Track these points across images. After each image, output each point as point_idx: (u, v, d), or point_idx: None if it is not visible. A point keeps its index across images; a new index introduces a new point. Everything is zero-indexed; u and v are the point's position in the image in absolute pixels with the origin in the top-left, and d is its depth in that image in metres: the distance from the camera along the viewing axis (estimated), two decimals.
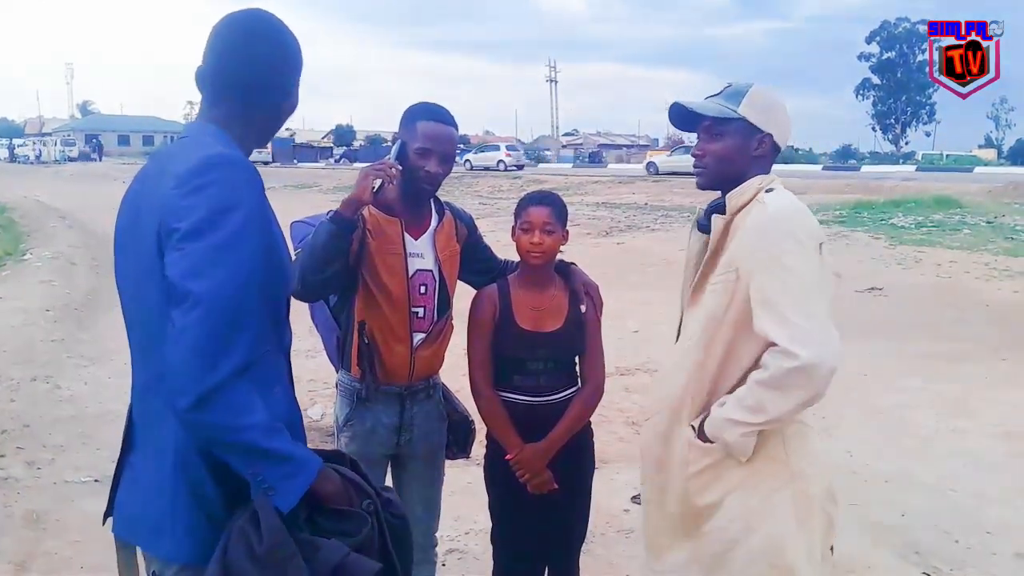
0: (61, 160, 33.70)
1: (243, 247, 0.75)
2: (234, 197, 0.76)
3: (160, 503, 0.80)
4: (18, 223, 10.06)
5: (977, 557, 2.03)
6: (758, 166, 1.12)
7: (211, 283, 0.73)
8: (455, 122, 1.34)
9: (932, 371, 3.74)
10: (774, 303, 1.00)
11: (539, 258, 1.35)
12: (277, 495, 0.75)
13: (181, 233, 0.75)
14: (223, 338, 0.73)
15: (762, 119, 1.11)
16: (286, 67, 0.88)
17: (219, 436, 0.74)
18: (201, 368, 0.72)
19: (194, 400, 0.72)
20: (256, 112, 0.87)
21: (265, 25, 0.87)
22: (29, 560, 1.96)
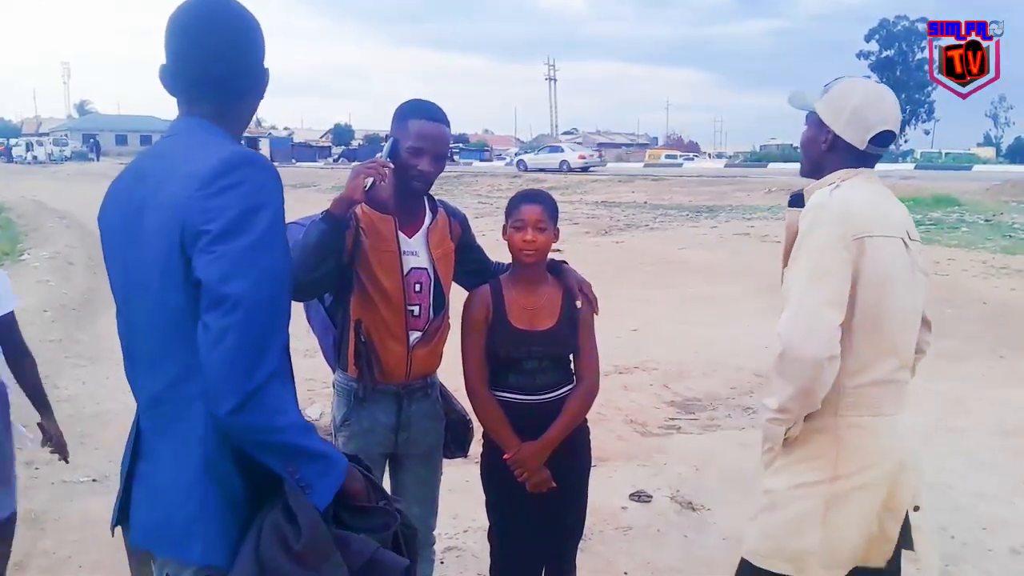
0: (58, 160, 33.63)
1: (275, 246, 0.75)
2: (263, 196, 0.76)
3: (188, 508, 0.79)
4: (16, 223, 10.04)
5: (973, 553, 2.03)
6: (830, 160, 1.12)
7: (249, 284, 0.73)
8: (447, 120, 1.33)
9: (930, 369, 3.71)
10: (787, 291, 1.03)
11: (532, 256, 1.35)
12: (313, 492, 0.75)
13: (213, 235, 0.73)
14: (262, 339, 0.73)
15: (829, 115, 1.12)
16: (250, 51, 0.85)
17: (260, 437, 0.74)
18: (244, 371, 0.72)
19: (237, 403, 0.71)
20: (234, 102, 0.86)
21: (221, 12, 0.84)
22: (28, 559, 1.97)
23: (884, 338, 1.05)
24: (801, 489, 1.06)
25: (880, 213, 1.08)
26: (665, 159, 30.70)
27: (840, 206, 1.05)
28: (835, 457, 1.04)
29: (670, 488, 2.39)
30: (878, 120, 1.11)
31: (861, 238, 1.03)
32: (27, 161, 33.44)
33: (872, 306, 1.03)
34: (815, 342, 0.98)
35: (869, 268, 1.03)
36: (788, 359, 1.00)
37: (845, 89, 1.13)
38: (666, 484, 2.41)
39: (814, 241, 1.03)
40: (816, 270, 1.02)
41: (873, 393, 1.05)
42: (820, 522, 1.04)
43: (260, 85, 0.87)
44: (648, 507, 2.28)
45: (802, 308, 1.00)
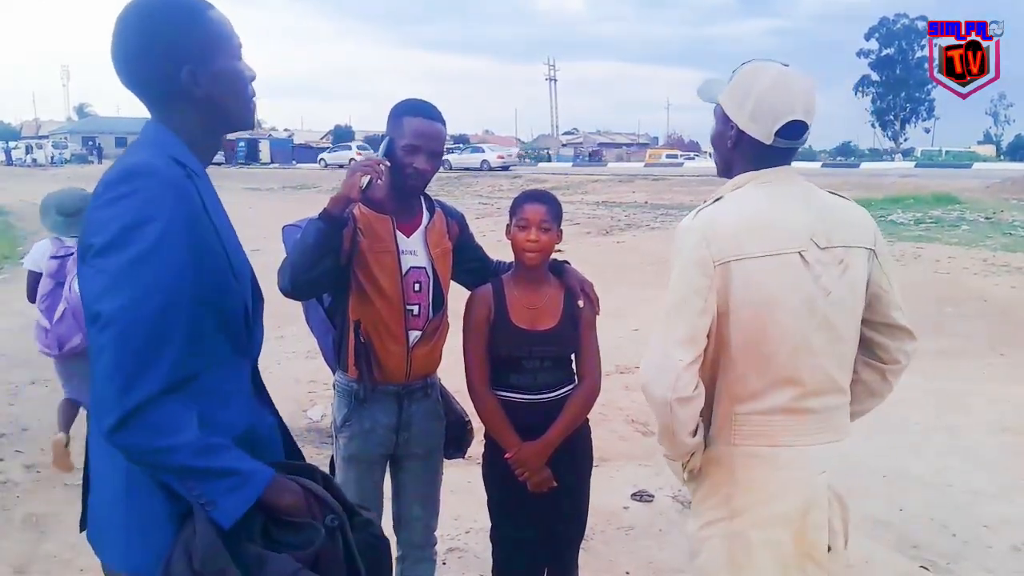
0: (58, 163, 33.62)
1: (160, 262, 0.72)
2: (149, 210, 0.72)
3: (115, 517, 0.79)
4: (15, 226, 10.04)
5: (973, 551, 2.03)
6: (739, 159, 1.00)
7: (123, 302, 0.70)
8: (443, 119, 1.33)
9: (930, 367, 3.74)
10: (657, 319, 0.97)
11: (535, 256, 1.35)
12: (218, 509, 0.73)
13: (95, 248, 0.72)
14: (141, 358, 0.70)
15: (730, 106, 0.98)
16: (167, 53, 0.79)
17: (143, 458, 0.72)
18: (120, 390, 0.70)
19: (114, 422, 0.70)
20: (174, 107, 0.81)
21: (137, 11, 0.80)
22: (29, 563, 1.97)
23: (773, 366, 0.94)
24: (706, 530, 0.99)
25: (760, 228, 0.94)
26: (666, 159, 30.74)
27: (703, 229, 0.94)
28: (731, 491, 0.97)
29: (672, 488, 2.38)
30: (785, 110, 0.95)
31: (727, 262, 0.92)
32: (27, 164, 33.45)
33: (753, 332, 0.93)
34: (662, 383, 0.92)
35: (741, 294, 0.92)
36: (647, 398, 0.96)
37: (748, 76, 0.98)
38: (668, 484, 2.41)
39: (674, 270, 0.95)
40: (671, 303, 0.94)
41: (769, 422, 0.95)
42: (728, 568, 0.96)
43: (198, 91, 0.80)
44: (650, 507, 2.28)
45: (655, 346, 0.95)
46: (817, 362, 0.96)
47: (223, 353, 0.81)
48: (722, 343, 0.95)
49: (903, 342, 1.07)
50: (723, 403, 0.97)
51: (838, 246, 0.98)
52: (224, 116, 0.85)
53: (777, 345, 0.94)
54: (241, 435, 0.80)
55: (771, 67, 0.99)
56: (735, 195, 0.99)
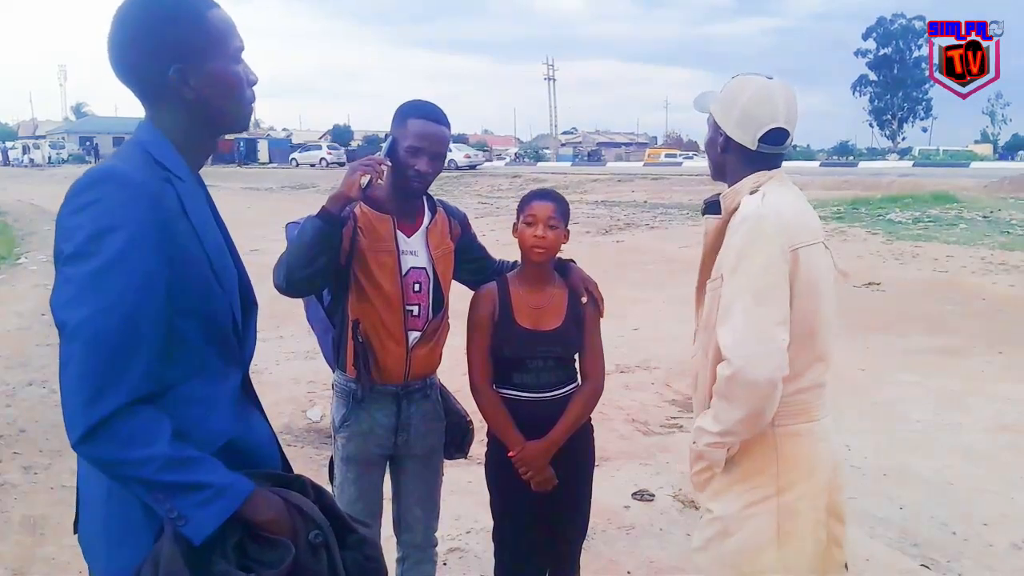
0: (56, 163, 33.51)
1: (126, 270, 0.69)
2: (114, 218, 0.70)
3: (96, 521, 0.79)
4: (12, 227, 10.00)
5: (974, 549, 2.03)
6: (731, 164, 1.09)
7: (88, 312, 0.68)
8: (447, 121, 1.33)
9: (929, 365, 3.75)
10: (728, 307, 0.99)
11: (542, 253, 1.34)
12: (189, 524, 0.70)
13: (64, 256, 0.71)
14: (107, 369, 0.68)
15: (721, 116, 1.09)
16: (156, 50, 0.76)
17: (112, 470, 0.71)
18: (85, 402, 0.68)
19: (80, 434, 0.68)
20: (163, 106, 0.79)
21: (132, 6, 0.78)
22: (27, 565, 1.96)
23: (817, 345, 1.03)
24: (751, 508, 1.03)
25: (804, 220, 1.05)
26: (665, 158, 30.82)
27: (776, 216, 1.01)
28: (776, 470, 1.02)
29: (673, 487, 2.38)
30: (767, 118, 1.06)
31: (796, 249, 1.00)
32: (24, 164, 33.33)
33: (808, 316, 1.01)
34: (770, 364, 0.95)
35: (803, 278, 1.00)
36: (740, 382, 0.96)
37: (735, 88, 1.09)
38: (668, 483, 2.41)
39: (756, 255, 0.98)
40: (762, 287, 0.98)
41: (806, 399, 1.03)
42: (775, 540, 1.01)
43: (185, 90, 0.78)
44: (651, 506, 2.28)
45: (752, 328, 0.96)
46: (832, 339, 1.07)
47: (209, 362, 0.79)
48: None
49: None
50: None
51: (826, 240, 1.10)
52: (217, 118, 0.82)
53: (821, 327, 1.03)
54: (226, 445, 0.78)
55: (756, 79, 1.10)
56: (773, 189, 1.05)
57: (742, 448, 1.03)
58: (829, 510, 1.06)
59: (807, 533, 1.03)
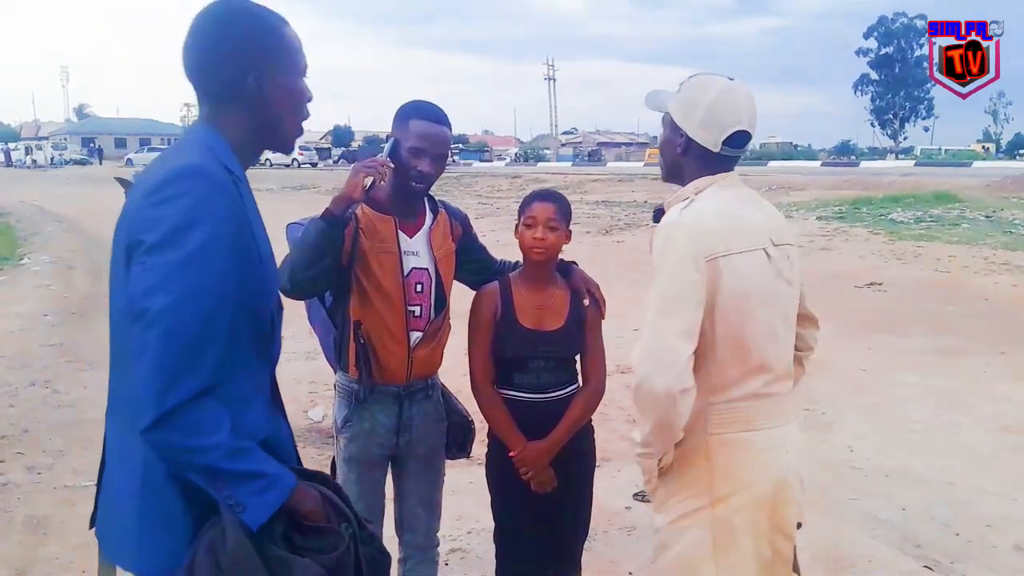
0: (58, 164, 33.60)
1: (207, 264, 0.73)
2: (198, 212, 0.74)
3: (128, 518, 0.79)
4: (15, 228, 10.03)
5: (976, 550, 2.03)
6: (689, 166, 1.06)
7: (171, 301, 0.71)
8: (449, 121, 1.33)
9: (931, 366, 3.74)
10: (644, 318, 0.98)
11: (542, 254, 1.35)
12: (246, 511, 0.74)
13: (146, 246, 0.74)
14: (184, 358, 0.71)
15: (681, 117, 1.05)
16: (236, 54, 0.81)
17: (177, 457, 0.73)
18: (160, 388, 0.70)
19: (152, 420, 0.70)
20: (230, 109, 0.83)
21: (217, 12, 0.82)
22: (30, 565, 1.96)
23: (751, 356, 0.99)
24: (685, 520, 1.00)
25: (737, 226, 1.01)
26: None
27: (692, 224, 0.98)
28: (710, 480, 0.99)
29: None
30: (732, 120, 1.03)
31: (715, 258, 0.97)
32: (27, 165, 33.42)
33: (734, 326, 0.98)
34: (667, 375, 0.93)
35: (727, 289, 0.97)
36: (642, 394, 0.95)
37: (697, 88, 1.05)
38: None
39: (665, 265, 0.97)
40: (668, 297, 0.96)
41: (744, 407, 1.00)
42: (711, 554, 0.98)
43: (257, 98, 0.82)
44: (652, 507, 2.29)
45: (654, 339, 0.95)
46: (780, 350, 1.04)
47: (251, 360, 0.82)
48: (705, 337, 0.98)
49: (813, 329, 1.16)
50: (699, 396, 0.98)
51: (785, 243, 1.06)
52: (274, 129, 0.86)
53: (753, 338, 1.00)
54: (263, 441, 0.80)
55: (718, 80, 1.06)
56: (704, 196, 1.03)
57: (678, 457, 1.00)
58: (773, 525, 1.01)
59: (747, 549, 0.99)
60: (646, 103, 1.12)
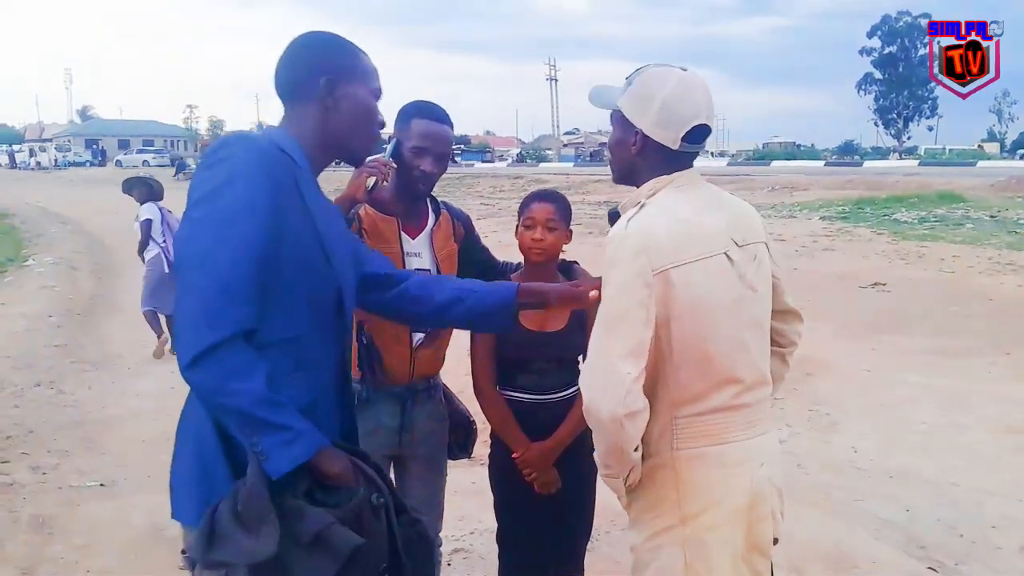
0: (62, 165, 33.79)
1: (240, 216, 0.79)
2: (236, 171, 0.81)
3: (181, 471, 0.86)
4: (19, 229, 10.09)
5: (981, 551, 2.02)
6: (643, 165, 0.98)
7: (207, 245, 0.78)
8: (450, 121, 1.33)
9: (935, 366, 3.72)
10: (592, 335, 0.93)
11: (540, 255, 1.34)
12: (269, 460, 0.77)
13: (191, 201, 0.81)
14: (218, 299, 0.77)
15: (634, 113, 0.96)
16: (312, 60, 0.91)
17: (211, 397, 0.77)
18: (197, 328, 0.76)
19: (190, 359, 0.76)
20: (300, 109, 0.92)
21: (303, 34, 0.94)
22: (35, 565, 1.97)
23: (715, 369, 0.93)
24: (656, 539, 0.96)
25: (691, 231, 0.93)
26: None
27: (637, 237, 0.91)
28: (678, 497, 0.94)
29: None
30: (690, 114, 0.95)
31: (665, 270, 0.90)
32: (31, 167, 33.60)
33: (693, 339, 0.92)
34: (611, 400, 0.88)
35: (681, 301, 0.91)
36: (591, 419, 0.91)
37: (649, 82, 0.96)
38: None
39: (613, 280, 0.92)
40: (611, 316, 0.90)
41: (713, 421, 0.94)
42: (683, 574, 0.93)
43: (324, 112, 0.91)
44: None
45: (598, 361, 0.90)
46: (751, 358, 0.97)
47: (305, 328, 0.86)
48: (662, 351, 0.93)
49: (796, 324, 1.10)
50: (663, 410, 0.94)
51: (751, 243, 0.99)
52: (342, 138, 0.93)
53: (717, 346, 0.93)
54: (305, 408, 0.83)
55: (673, 72, 0.98)
56: (657, 201, 0.96)
57: (645, 473, 0.96)
58: (749, 543, 0.95)
59: (723, 569, 0.94)
60: (591, 100, 1.03)
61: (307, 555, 0.76)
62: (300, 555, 0.76)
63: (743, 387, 0.96)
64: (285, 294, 0.83)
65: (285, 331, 0.83)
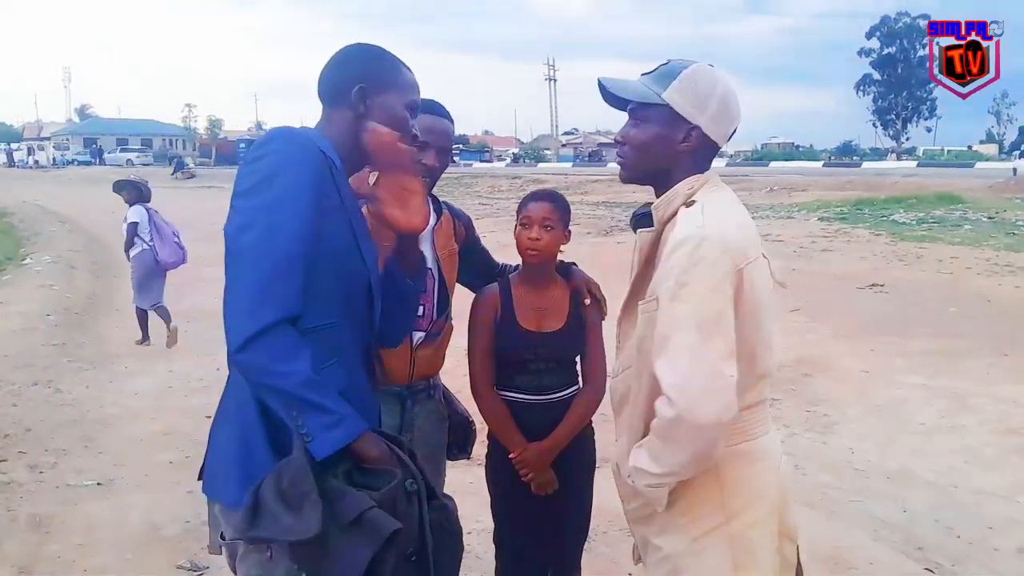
0: (60, 164, 33.78)
1: (287, 207, 0.83)
2: (282, 164, 0.85)
3: (222, 454, 0.89)
4: (18, 227, 10.07)
5: (979, 553, 2.02)
6: (686, 163, 0.96)
7: (256, 235, 0.82)
8: (450, 116, 1.34)
9: (933, 367, 3.73)
10: (667, 340, 0.88)
11: (536, 255, 1.34)
12: (314, 442, 0.80)
13: (237, 193, 0.85)
14: (268, 286, 0.81)
15: (691, 108, 0.95)
16: (344, 72, 0.95)
17: (259, 378, 0.81)
18: (249, 312, 0.80)
19: (243, 341, 0.79)
20: (335, 114, 0.95)
21: (348, 45, 0.99)
22: (33, 564, 1.96)
23: (756, 365, 0.94)
24: (700, 542, 0.94)
25: (747, 233, 0.94)
26: None
27: (719, 235, 0.90)
28: (721, 497, 0.93)
29: None
30: (737, 113, 0.98)
31: (740, 269, 0.89)
32: (29, 166, 33.54)
33: (749, 336, 0.92)
34: (717, 405, 0.85)
35: (747, 299, 0.91)
36: (685, 425, 0.86)
37: (703, 76, 0.95)
38: None
39: (698, 282, 0.88)
40: (707, 318, 0.87)
41: (749, 416, 0.95)
42: (731, 573, 0.93)
43: (356, 117, 0.94)
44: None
45: (697, 366, 0.86)
46: (772, 352, 0.99)
47: (339, 317, 0.90)
48: None
49: None
50: None
51: None
52: (357, 134, 0.94)
53: (762, 346, 0.95)
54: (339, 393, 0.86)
55: (718, 71, 0.99)
56: (706, 199, 0.95)
57: None
58: (782, 532, 0.98)
59: (766, 562, 0.95)
60: (609, 88, 0.99)
61: (346, 536, 0.78)
62: (339, 535, 0.78)
63: (767, 381, 0.99)
64: (323, 282, 0.86)
65: (322, 318, 0.87)
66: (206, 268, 6.36)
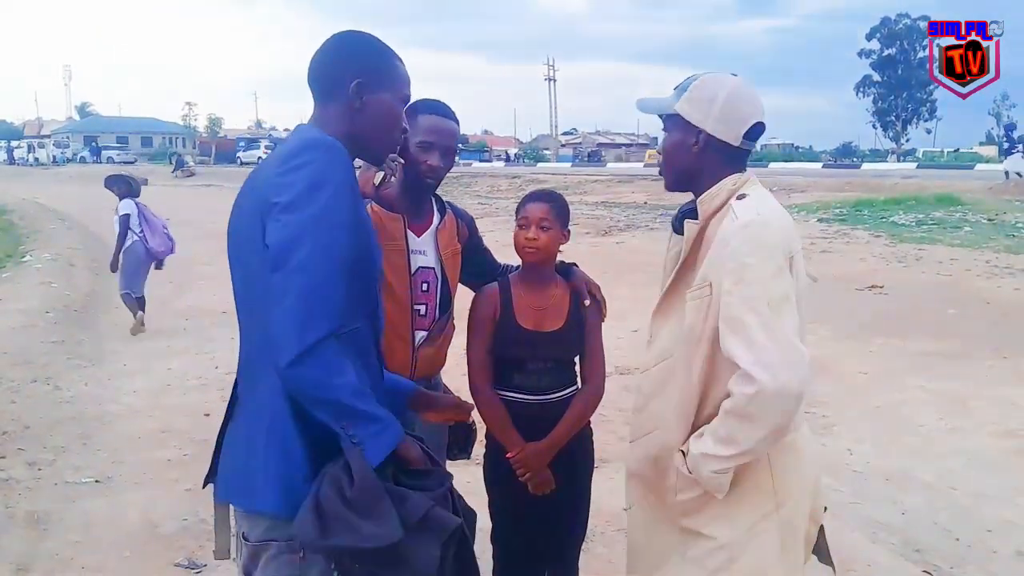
0: (60, 162, 33.81)
1: (334, 218, 0.84)
2: (326, 175, 0.85)
3: (254, 461, 0.87)
4: (17, 225, 10.07)
5: (977, 555, 2.02)
6: (709, 164, 1.03)
7: (308, 251, 0.82)
8: (456, 116, 1.34)
9: (932, 369, 3.73)
10: (739, 321, 0.92)
11: (533, 254, 1.34)
12: (366, 450, 0.81)
13: (281, 206, 0.84)
14: (320, 300, 0.81)
15: (696, 115, 1.02)
16: (344, 62, 0.93)
17: (313, 392, 0.81)
18: (302, 326, 0.80)
19: (295, 356, 0.79)
20: (330, 109, 0.94)
21: (342, 33, 0.97)
22: (30, 561, 1.96)
23: None
24: (756, 528, 0.99)
25: (792, 223, 1.02)
26: None
27: (777, 222, 0.98)
28: (772, 485, 0.99)
29: None
30: (750, 111, 1.02)
31: (792, 256, 0.97)
32: (29, 163, 33.54)
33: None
34: (797, 376, 0.90)
35: (799, 287, 0.98)
36: (767, 399, 0.90)
37: (709, 84, 1.03)
38: None
39: (764, 264, 0.94)
40: (776, 297, 0.93)
41: None
42: (779, 556, 0.99)
43: (352, 110, 0.93)
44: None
45: (774, 340, 0.90)
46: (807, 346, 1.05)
47: (362, 319, 0.92)
48: None
49: None
50: None
51: None
52: (366, 140, 0.95)
53: (802, 332, 0.99)
54: None
55: (728, 76, 1.06)
56: (756, 193, 1.02)
57: (742, 465, 0.98)
58: (811, 516, 1.06)
59: (801, 543, 1.03)
60: (641, 108, 1.11)
61: (414, 537, 0.79)
62: (407, 537, 0.79)
63: None
64: (354, 287, 0.87)
65: (352, 322, 0.88)
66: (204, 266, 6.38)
